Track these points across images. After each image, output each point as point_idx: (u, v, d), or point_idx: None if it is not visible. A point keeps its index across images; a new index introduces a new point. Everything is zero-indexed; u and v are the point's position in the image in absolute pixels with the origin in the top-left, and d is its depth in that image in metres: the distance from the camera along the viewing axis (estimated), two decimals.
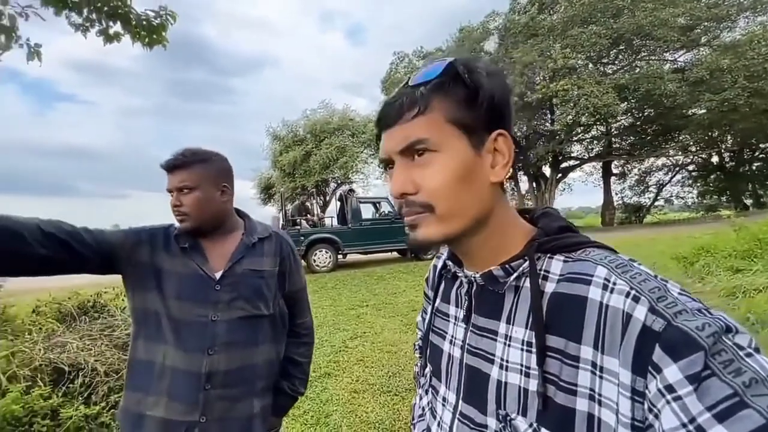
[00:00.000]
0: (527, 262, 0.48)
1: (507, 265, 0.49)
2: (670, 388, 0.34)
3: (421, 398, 0.66)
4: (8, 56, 3.19)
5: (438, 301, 0.64)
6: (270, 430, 1.21)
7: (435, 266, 0.69)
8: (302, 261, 9.05)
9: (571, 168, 24.53)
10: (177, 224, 1.16)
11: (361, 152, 18.35)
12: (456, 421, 0.53)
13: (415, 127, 0.48)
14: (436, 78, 0.48)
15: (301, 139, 17.85)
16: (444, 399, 0.56)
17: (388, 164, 0.52)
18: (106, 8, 3.12)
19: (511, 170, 0.50)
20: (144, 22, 3.24)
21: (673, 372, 0.34)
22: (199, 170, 1.11)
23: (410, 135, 0.48)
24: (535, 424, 0.43)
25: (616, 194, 25.76)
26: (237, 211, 1.26)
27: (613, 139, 22.78)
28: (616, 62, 20.11)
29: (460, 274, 0.57)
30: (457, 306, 0.59)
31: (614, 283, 0.41)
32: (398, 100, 0.49)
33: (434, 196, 0.47)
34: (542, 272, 0.48)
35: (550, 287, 0.46)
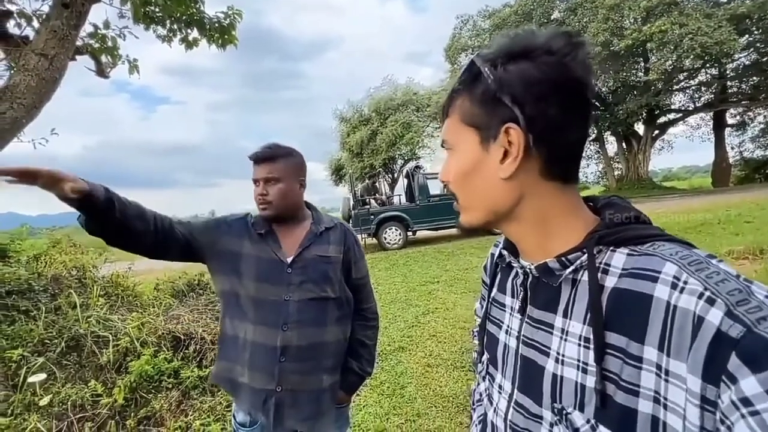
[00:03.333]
0: (585, 255, 0.46)
1: (563, 258, 0.47)
2: (746, 402, 0.31)
3: (479, 384, 0.68)
4: (115, 71, 3.71)
5: (494, 290, 0.64)
6: (339, 405, 1.31)
7: (492, 254, 0.68)
8: (373, 239, 9.41)
9: (672, 122, 21.22)
10: (254, 213, 1.29)
11: (427, 126, 17.96)
12: (511, 409, 0.54)
13: (443, 129, 0.54)
14: (460, 79, 0.51)
15: (367, 119, 18.01)
16: (500, 387, 0.58)
17: None
18: (184, 17, 3.43)
19: (516, 164, 0.46)
20: (216, 25, 3.51)
21: (751, 384, 0.31)
22: (283, 164, 1.23)
23: (441, 135, 0.55)
24: (592, 421, 0.42)
25: (733, 148, 21.66)
26: (306, 203, 1.36)
27: (728, 83, 18.96)
28: None
29: (515, 265, 0.56)
30: (512, 296, 0.59)
31: (685, 282, 0.38)
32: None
33: (454, 188, 0.54)
34: (602, 266, 0.45)
35: (610, 282, 0.44)
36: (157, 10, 3.25)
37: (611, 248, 0.46)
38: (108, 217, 0.94)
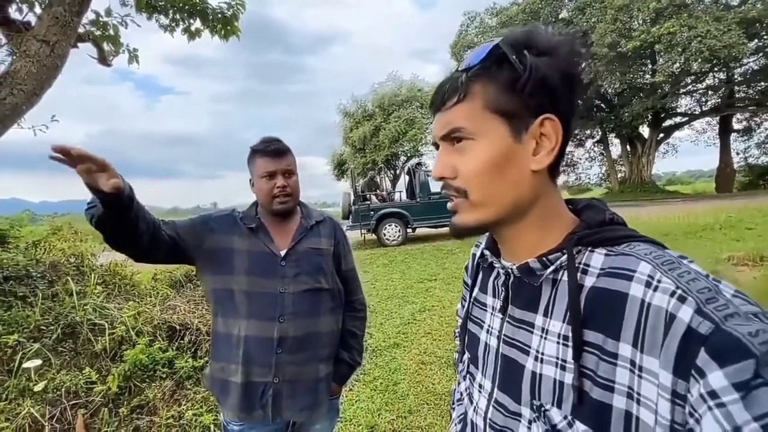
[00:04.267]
0: (565, 256, 0.47)
1: (544, 258, 0.48)
2: (713, 394, 0.32)
3: (459, 384, 0.68)
4: (120, 60, 3.70)
5: (476, 290, 0.64)
6: (332, 396, 1.32)
7: (474, 255, 0.68)
8: (373, 235, 9.40)
9: (677, 126, 21.10)
10: (239, 209, 1.29)
11: (430, 123, 17.88)
12: (491, 407, 0.54)
13: (454, 115, 0.49)
14: (479, 62, 0.47)
15: (370, 114, 17.95)
16: (480, 386, 0.58)
17: (437, 147, 0.54)
18: (186, 7, 3.41)
19: (553, 158, 0.47)
20: (219, 15, 3.48)
21: (717, 378, 0.32)
22: (293, 158, 1.26)
23: (449, 122, 0.49)
24: (569, 417, 0.43)
25: (738, 154, 21.52)
26: None
27: (735, 88, 18.80)
28: None
29: (496, 265, 0.57)
30: (494, 296, 0.59)
31: (658, 281, 0.39)
32: (444, 85, 0.50)
33: (468, 183, 0.49)
34: (581, 266, 0.46)
35: (589, 281, 0.45)
36: None
37: (590, 249, 0.47)
38: (125, 215, 0.94)
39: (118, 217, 0.93)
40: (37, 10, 3.01)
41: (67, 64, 3.01)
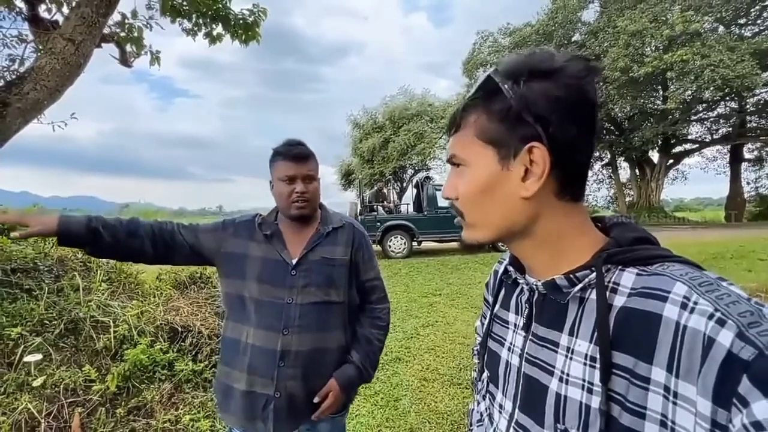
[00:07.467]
0: (594, 273, 0.45)
1: (572, 275, 0.47)
2: (758, 426, 0.30)
3: (478, 404, 0.66)
4: (138, 61, 3.77)
5: (497, 306, 0.63)
6: (336, 414, 1.23)
7: (496, 271, 0.68)
8: (378, 246, 9.37)
9: (687, 153, 21.02)
10: (262, 213, 1.28)
11: (440, 138, 18.01)
12: (512, 429, 0.53)
13: (452, 143, 0.53)
14: (474, 94, 0.50)
15: (380, 126, 18.12)
16: (500, 406, 0.56)
17: None
18: (210, 12, 3.48)
19: (540, 183, 0.46)
20: (241, 21, 3.55)
21: (763, 408, 0.30)
22: (315, 163, 1.24)
23: (449, 149, 0.54)
24: None
25: (748, 183, 21.33)
26: None
27: (747, 118, 18.76)
28: (758, 23, 16.39)
29: (521, 281, 0.56)
30: (516, 313, 0.58)
31: (695, 303, 0.37)
32: (452, 115, 0.54)
33: (463, 206, 0.52)
34: (611, 285, 0.45)
35: (619, 301, 0.43)
36: (184, 3, 3.30)
37: (620, 267, 0.45)
38: (99, 244, 1.08)
39: (95, 248, 1.09)
40: (65, 9, 3.09)
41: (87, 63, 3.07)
